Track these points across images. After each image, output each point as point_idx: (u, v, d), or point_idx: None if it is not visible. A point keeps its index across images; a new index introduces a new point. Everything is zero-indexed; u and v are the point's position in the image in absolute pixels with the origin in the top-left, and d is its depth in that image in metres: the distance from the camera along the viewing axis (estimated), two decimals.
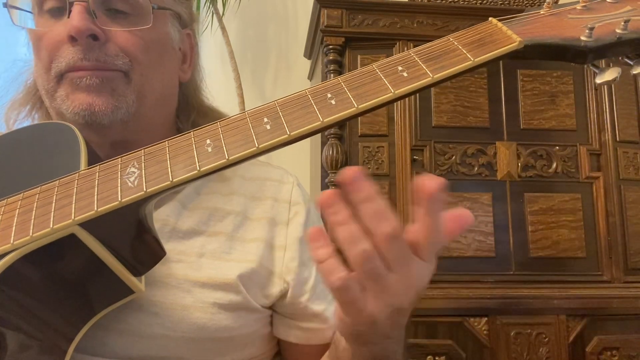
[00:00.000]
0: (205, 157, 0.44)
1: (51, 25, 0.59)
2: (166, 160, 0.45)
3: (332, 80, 0.47)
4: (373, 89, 0.45)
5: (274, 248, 0.63)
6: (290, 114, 0.45)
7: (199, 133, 0.46)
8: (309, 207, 0.68)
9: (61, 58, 0.57)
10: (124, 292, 0.48)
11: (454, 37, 0.48)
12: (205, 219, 0.62)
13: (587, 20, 0.47)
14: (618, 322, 1.38)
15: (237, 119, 0.46)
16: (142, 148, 0.47)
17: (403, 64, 0.46)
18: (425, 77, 0.44)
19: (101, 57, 0.57)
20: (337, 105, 0.44)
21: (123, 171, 0.45)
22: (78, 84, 0.57)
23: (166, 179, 0.43)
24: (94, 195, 0.44)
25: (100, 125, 0.58)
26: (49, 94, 0.59)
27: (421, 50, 0.47)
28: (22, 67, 0.69)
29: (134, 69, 0.59)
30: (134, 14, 0.60)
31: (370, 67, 0.47)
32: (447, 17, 1.49)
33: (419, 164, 1.43)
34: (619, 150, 1.48)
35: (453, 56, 0.46)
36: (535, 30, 0.47)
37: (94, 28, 0.57)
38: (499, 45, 0.46)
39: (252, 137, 0.44)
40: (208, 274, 0.58)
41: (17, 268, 0.42)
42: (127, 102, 0.59)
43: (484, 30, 0.48)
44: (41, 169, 0.52)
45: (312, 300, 0.63)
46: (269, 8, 2.00)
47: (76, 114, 0.57)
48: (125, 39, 0.59)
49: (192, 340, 0.56)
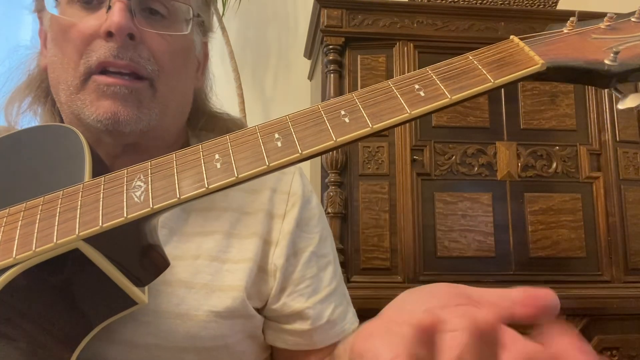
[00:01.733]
0: (214, 174, 0.42)
1: (83, 16, 0.57)
2: (173, 175, 0.43)
3: (346, 96, 0.45)
4: (388, 108, 0.43)
5: (268, 243, 0.62)
6: (302, 130, 0.43)
7: (208, 147, 0.45)
8: (308, 197, 0.66)
9: (92, 52, 0.56)
10: (127, 304, 0.47)
11: (473, 55, 0.46)
12: (201, 220, 0.61)
13: (611, 41, 0.45)
14: (618, 322, 1.38)
15: (247, 134, 0.45)
16: (148, 160, 0.46)
17: (420, 82, 0.44)
18: (443, 97, 0.43)
19: (135, 58, 0.56)
20: (351, 124, 0.42)
21: (129, 185, 0.44)
22: (105, 91, 0.56)
23: (173, 196, 0.42)
24: (99, 210, 0.43)
25: (119, 133, 0.57)
26: (70, 92, 0.57)
27: (439, 67, 0.45)
28: (24, 54, 0.67)
29: (159, 78, 0.58)
30: (169, 18, 0.60)
31: (385, 83, 0.45)
32: (447, 17, 1.48)
33: (419, 164, 1.43)
34: (619, 150, 1.48)
35: (472, 76, 0.44)
36: (558, 51, 0.45)
37: (133, 27, 0.56)
38: (521, 67, 0.44)
39: (263, 155, 0.42)
40: (204, 279, 0.57)
41: (19, 282, 0.41)
42: (151, 115, 0.58)
43: (505, 50, 0.46)
44: (44, 175, 0.51)
45: (293, 296, 0.61)
46: (269, 8, 2.00)
47: (99, 121, 0.56)
48: (157, 42, 0.58)
49: (186, 349, 0.55)
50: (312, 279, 0.63)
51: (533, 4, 1.57)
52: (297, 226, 0.63)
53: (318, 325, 0.61)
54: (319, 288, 0.63)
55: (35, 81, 0.65)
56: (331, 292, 0.64)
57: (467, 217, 1.41)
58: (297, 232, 0.63)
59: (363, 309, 0.65)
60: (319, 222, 0.67)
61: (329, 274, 0.65)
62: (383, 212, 1.39)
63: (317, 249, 0.65)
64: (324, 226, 0.68)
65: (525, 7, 1.54)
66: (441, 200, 1.42)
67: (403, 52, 1.47)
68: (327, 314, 0.62)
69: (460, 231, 1.40)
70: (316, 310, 0.62)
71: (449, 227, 1.40)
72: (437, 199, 1.41)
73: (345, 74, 1.46)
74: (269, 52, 1.98)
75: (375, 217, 1.39)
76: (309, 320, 0.61)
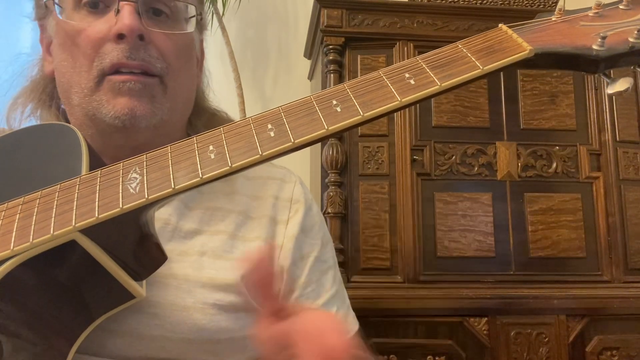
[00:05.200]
0: (208, 164, 0.43)
1: (90, 21, 0.59)
2: (168, 167, 0.44)
3: (338, 87, 0.46)
4: (379, 97, 0.44)
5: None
6: (294, 120, 0.44)
7: (202, 139, 0.46)
8: (309, 205, 0.68)
9: (105, 55, 0.58)
10: (124, 297, 0.48)
11: (462, 43, 0.47)
12: (207, 218, 0.62)
13: (600, 28, 0.46)
14: (618, 322, 1.38)
15: (241, 125, 0.46)
16: (144, 153, 0.47)
17: (410, 71, 0.45)
18: (433, 85, 0.44)
19: (146, 58, 0.58)
20: (343, 112, 0.43)
21: (125, 177, 0.45)
22: (120, 88, 0.57)
23: (168, 186, 0.43)
24: (95, 202, 0.43)
25: (135, 129, 0.58)
26: (85, 93, 0.59)
27: (429, 56, 0.46)
28: (25, 60, 0.68)
29: (168, 75, 0.60)
30: (172, 18, 0.62)
31: (376, 73, 0.46)
32: (447, 17, 1.48)
33: (419, 164, 1.43)
34: (619, 150, 1.48)
35: (461, 64, 0.45)
36: (547, 37, 0.46)
37: (142, 28, 0.58)
38: (509, 54, 0.45)
39: (256, 144, 0.43)
40: (209, 274, 0.58)
41: (17, 274, 0.41)
42: (163, 110, 0.60)
43: (494, 37, 0.47)
44: (42, 172, 0.51)
45: (301, 300, 0.63)
46: (269, 8, 2.00)
47: (117, 117, 0.57)
48: (164, 42, 0.60)
49: (192, 341, 0.55)
50: (316, 283, 0.65)
51: (533, 4, 1.57)
52: (301, 231, 0.65)
53: None
54: (321, 292, 0.65)
55: (39, 87, 0.67)
56: (332, 296, 0.66)
57: (467, 217, 1.41)
58: (301, 237, 0.65)
59: (363, 309, 0.66)
60: (321, 229, 0.69)
61: (329, 278, 0.67)
62: (383, 212, 1.39)
63: (320, 255, 0.67)
64: (324, 232, 0.70)
65: (525, 7, 1.54)
66: (441, 200, 1.41)
67: (403, 52, 1.47)
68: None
69: (460, 231, 1.40)
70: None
71: (449, 227, 1.40)
72: (437, 199, 1.41)
73: (345, 74, 1.46)
74: (269, 52, 1.98)
75: (375, 217, 1.39)
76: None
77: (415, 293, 1.34)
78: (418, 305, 1.33)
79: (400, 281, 1.35)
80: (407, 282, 1.35)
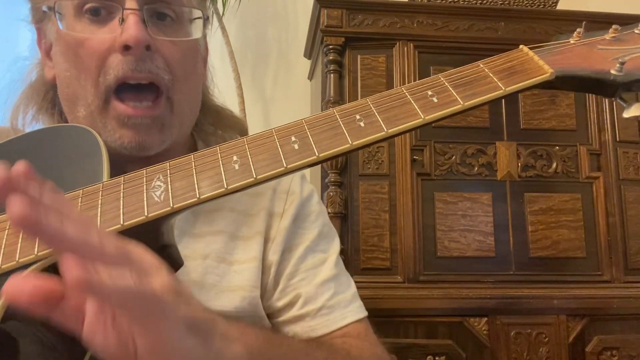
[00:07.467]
0: (232, 175, 0.44)
1: (93, 31, 0.56)
2: (192, 176, 0.44)
3: (361, 101, 0.47)
4: (402, 113, 0.44)
5: (267, 241, 0.63)
6: (318, 134, 0.45)
7: (225, 148, 0.46)
8: (308, 195, 0.68)
9: (110, 70, 0.55)
10: None
11: (484, 63, 0.47)
12: (209, 219, 0.62)
13: (617, 52, 0.47)
14: (618, 322, 1.38)
15: (264, 136, 0.46)
16: (167, 161, 0.46)
17: (433, 89, 0.46)
18: (456, 103, 0.44)
19: (153, 69, 0.56)
20: (367, 128, 0.44)
21: (148, 184, 0.45)
22: (126, 122, 0.56)
23: (193, 196, 0.43)
24: (120, 209, 0.43)
25: (144, 155, 0.57)
26: (91, 110, 0.57)
27: (451, 75, 0.47)
28: (24, 64, 0.67)
29: (174, 86, 0.58)
30: (177, 21, 0.60)
31: (399, 89, 0.47)
32: (447, 17, 1.48)
33: (419, 164, 1.43)
34: (619, 150, 1.48)
35: (484, 84, 0.45)
36: (566, 60, 0.47)
37: (149, 38, 0.55)
38: (531, 75, 0.45)
39: (280, 157, 0.44)
40: (212, 279, 0.58)
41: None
42: (173, 133, 0.59)
43: (515, 58, 0.48)
44: (61, 175, 0.51)
45: (286, 291, 0.62)
46: (269, 8, 2.00)
47: (124, 147, 0.56)
48: (169, 49, 0.58)
49: None
50: (307, 272, 0.64)
51: (533, 4, 1.57)
52: (293, 222, 0.65)
53: (312, 309, 0.62)
54: (314, 278, 0.64)
55: (40, 91, 0.64)
56: (329, 279, 0.64)
57: (467, 217, 1.41)
58: (292, 229, 0.65)
59: None
60: (318, 219, 0.68)
61: (326, 267, 0.65)
62: (383, 212, 1.39)
63: (314, 245, 0.66)
64: (324, 223, 0.69)
65: (525, 7, 1.54)
66: (441, 200, 1.41)
67: (403, 52, 1.47)
68: (324, 298, 0.62)
69: (460, 231, 1.40)
70: (309, 295, 0.62)
71: (449, 227, 1.40)
72: (437, 199, 1.41)
73: (345, 74, 1.46)
74: (269, 52, 1.98)
75: (375, 217, 1.39)
76: (298, 303, 0.62)
77: (415, 293, 1.34)
78: (418, 305, 1.33)
79: (400, 281, 1.35)
80: (407, 282, 1.35)
